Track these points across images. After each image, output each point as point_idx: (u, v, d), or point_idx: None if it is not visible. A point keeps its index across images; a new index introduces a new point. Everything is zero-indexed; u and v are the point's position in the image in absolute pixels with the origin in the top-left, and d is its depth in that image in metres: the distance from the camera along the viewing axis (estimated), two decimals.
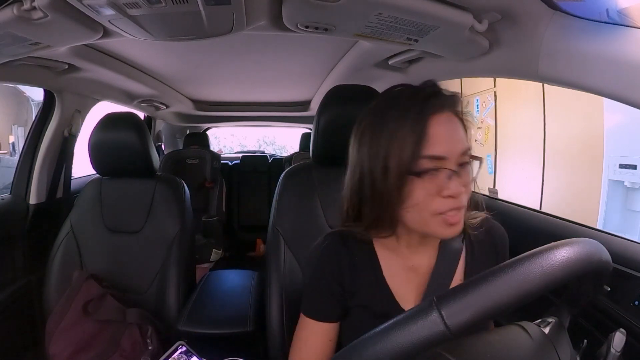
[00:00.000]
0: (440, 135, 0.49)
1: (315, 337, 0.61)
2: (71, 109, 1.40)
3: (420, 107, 0.49)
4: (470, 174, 0.52)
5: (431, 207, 0.50)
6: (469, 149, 0.52)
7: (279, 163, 3.07)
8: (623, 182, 1.85)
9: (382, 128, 0.51)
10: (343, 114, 0.84)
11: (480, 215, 0.61)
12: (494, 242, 0.63)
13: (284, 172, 0.99)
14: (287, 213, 0.93)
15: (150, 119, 2.47)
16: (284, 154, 3.71)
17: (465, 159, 0.51)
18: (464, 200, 0.51)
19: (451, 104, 0.52)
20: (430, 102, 0.50)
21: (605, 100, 1.73)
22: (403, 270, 0.60)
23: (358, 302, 0.59)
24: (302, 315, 0.62)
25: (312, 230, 0.89)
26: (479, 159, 0.53)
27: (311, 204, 0.92)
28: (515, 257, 0.34)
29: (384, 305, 0.58)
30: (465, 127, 0.53)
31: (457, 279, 0.59)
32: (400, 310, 0.57)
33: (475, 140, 2.94)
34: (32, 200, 1.32)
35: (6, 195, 1.31)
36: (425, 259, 0.60)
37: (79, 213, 1.18)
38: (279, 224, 0.92)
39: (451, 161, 0.49)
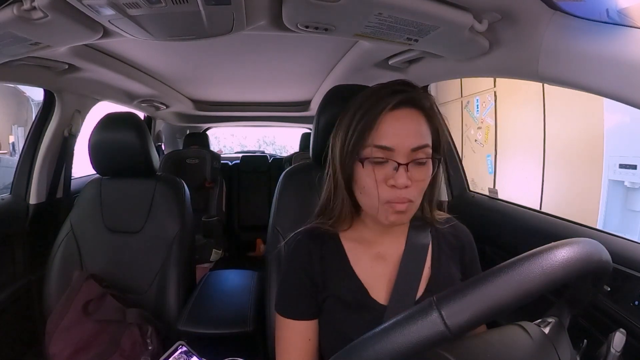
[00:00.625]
0: (390, 129, 0.53)
1: (297, 336, 0.60)
2: (71, 109, 1.40)
3: (376, 102, 0.54)
4: (426, 172, 0.55)
5: (379, 194, 0.54)
6: (427, 145, 0.54)
7: (279, 163, 3.07)
8: (623, 182, 1.85)
9: (349, 123, 0.56)
10: None
11: (445, 215, 0.65)
12: (459, 237, 0.66)
13: (284, 172, 0.99)
14: (287, 213, 0.93)
15: (150, 119, 2.47)
16: (284, 154, 3.71)
17: (420, 155, 0.53)
18: (412, 194, 0.53)
19: (411, 101, 0.54)
20: (386, 99, 0.53)
21: (605, 100, 1.73)
22: (370, 258, 0.61)
23: (329, 293, 0.60)
24: (278, 317, 0.62)
25: None
26: (439, 158, 0.56)
27: (311, 204, 0.92)
28: (515, 257, 0.34)
29: (355, 294, 0.59)
30: (434, 124, 0.56)
31: (425, 269, 0.61)
32: (370, 299, 0.58)
33: (476, 140, 2.94)
34: (32, 200, 1.32)
35: (6, 195, 1.31)
36: (392, 248, 0.62)
37: (78, 213, 1.18)
38: (279, 223, 0.92)
39: (400, 154, 0.53)
